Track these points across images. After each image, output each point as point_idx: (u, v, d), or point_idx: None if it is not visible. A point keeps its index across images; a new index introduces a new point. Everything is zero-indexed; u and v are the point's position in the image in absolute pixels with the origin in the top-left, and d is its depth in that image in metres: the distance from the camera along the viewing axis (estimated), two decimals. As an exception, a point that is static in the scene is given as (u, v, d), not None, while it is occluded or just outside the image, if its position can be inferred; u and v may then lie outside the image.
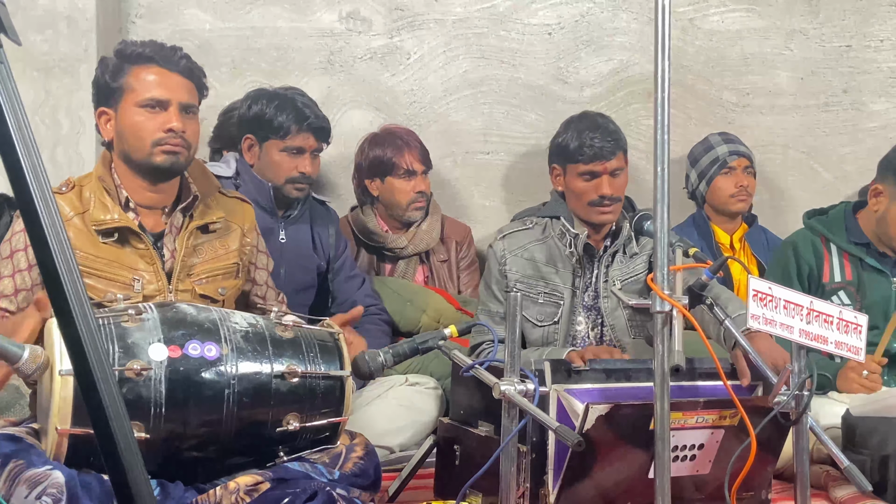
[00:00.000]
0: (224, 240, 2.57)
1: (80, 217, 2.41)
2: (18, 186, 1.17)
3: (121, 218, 2.41)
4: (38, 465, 1.95)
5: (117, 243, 2.41)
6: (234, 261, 2.57)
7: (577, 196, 2.93)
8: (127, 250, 2.42)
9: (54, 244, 1.15)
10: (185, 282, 2.46)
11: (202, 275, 2.50)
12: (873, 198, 3.26)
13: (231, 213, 2.60)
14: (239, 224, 2.61)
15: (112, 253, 2.40)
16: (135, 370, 2.00)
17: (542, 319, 2.95)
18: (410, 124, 3.99)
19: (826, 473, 2.69)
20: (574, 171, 2.91)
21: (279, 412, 2.14)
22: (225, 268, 2.55)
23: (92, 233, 2.40)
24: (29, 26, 3.60)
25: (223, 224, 2.56)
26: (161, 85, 2.43)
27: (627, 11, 4.15)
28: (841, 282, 3.27)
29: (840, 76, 4.21)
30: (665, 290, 1.89)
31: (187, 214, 2.51)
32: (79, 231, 2.39)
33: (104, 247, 2.40)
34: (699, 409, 2.20)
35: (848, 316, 2.21)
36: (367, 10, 4.08)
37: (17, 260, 2.39)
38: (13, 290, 2.38)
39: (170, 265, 2.46)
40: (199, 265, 2.50)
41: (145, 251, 2.43)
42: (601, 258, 2.96)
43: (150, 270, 2.42)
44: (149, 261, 2.43)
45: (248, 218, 2.65)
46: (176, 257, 2.46)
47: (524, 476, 2.22)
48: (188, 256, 2.48)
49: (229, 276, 2.56)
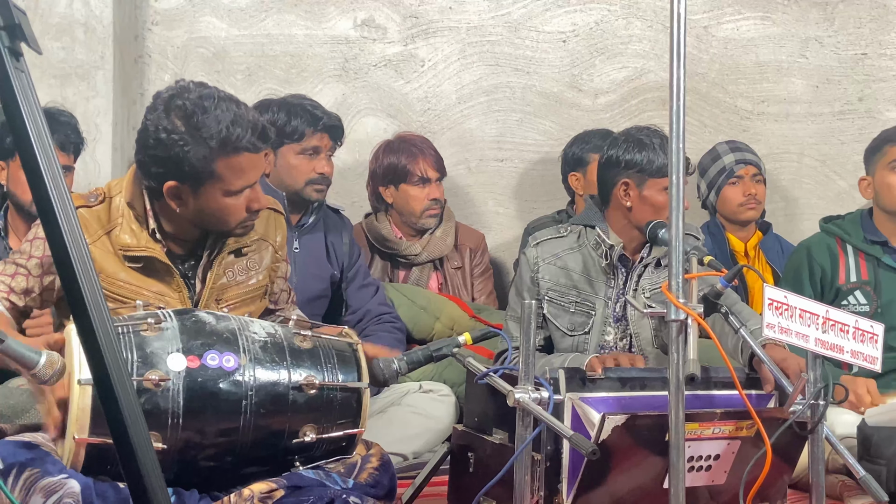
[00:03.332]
0: (256, 257, 2.50)
1: (108, 237, 2.34)
2: (38, 194, 1.18)
3: (146, 246, 2.34)
4: (54, 473, 1.95)
5: (143, 271, 2.35)
6: (263, 283, 2.51)
7: (655, 210, 2.89)
8: (153, 279, 2.36)
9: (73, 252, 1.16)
10: (213, 307, 2.40)
11: (231, 300, 2.44)
12: (865, 189, 3.39)
13: (264, 230, 2.52)
14: (272, 241, 2.54)
15: (137, 279, 2.34)
16: (153, 381, 2.00)
17: (572, 329, 2.94)
18: (424, 131, 4.00)
19: (842, 483, 2.68)
20: (657, 185, 2.88)
21: (296, 423, 2.13)
22: (254, 290, 2.50)
23: (118, 256, 2.34)
24: (46, 33, 3.62)
25: (256, 245, 2.51)
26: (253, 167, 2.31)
27: (642, 19, 4.15)
28: (857, 282, 3.28)
29: (855, 84, 4.20)
30: (680, 298, 1.88)
31: (220, 242, 2.43)
32: (105, 253, 2.33)
33: (129, 271, 2.34)
34: (716, 421, 2.19)
35: (864, 325, 2.20)
36: (382, 17, 4.09)
37: (31, 265, 2.39)
38: (23, 290, 2.37)
39: (199, 292, 2.41)
40: (230, 290, 2.44)
41: (171, 280, 2.37)
42: (634, 268, 2.95)
43: (177, 298, 2.37)
44: (175, 287, 2.38)
45: (281, 229, 2.58)
46: (206, 286, 2.40)
47: (538, 484, 2.21)
48: (217, 281, 2.42)
49: (257, 299, 2.51)
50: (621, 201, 2.92)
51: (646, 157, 2.88)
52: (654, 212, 2.89)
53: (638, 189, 2.89)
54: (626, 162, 2.90)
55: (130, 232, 2.34)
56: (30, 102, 1.15)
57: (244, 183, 2.30)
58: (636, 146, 2.90)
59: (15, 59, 1.17)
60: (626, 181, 2.91)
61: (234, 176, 2.28)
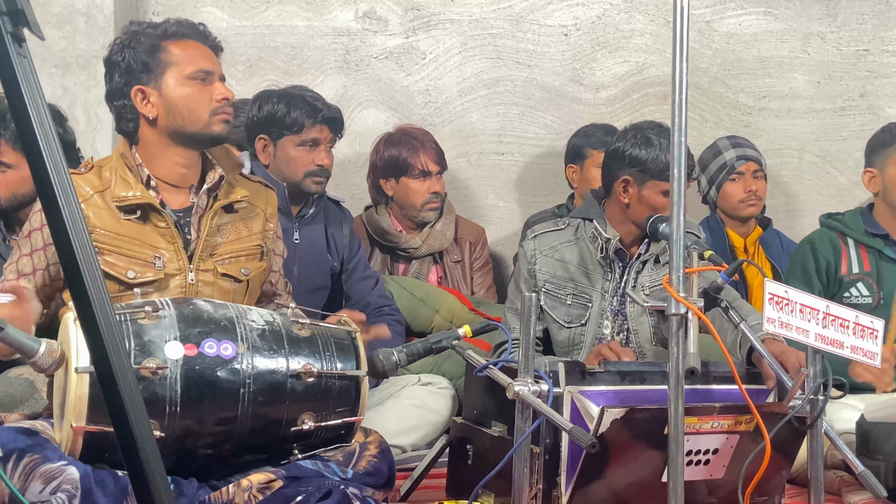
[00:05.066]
0: (248, 222, 2.56)
1: (101, 195, 2.41)
2: (39, 179, 1.17)
3: (143, 195, 2.41)
4: (54, 460, 1.96)
5: (139, 220, 2.41)
6: (257, 243, 2.56)
7: (652, 210, 2.88)
8: (148, 228, 2.42)
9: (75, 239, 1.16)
10: (208, 262, 2.45)
11: (225, 255, 2.48)
12: (869, 181, 3.38)
13: (255, 197, 2.59)
14: (262, 208, 2.60)
15: (133, 230, 2.40)
16: (150, 369, 2.01)
17: (569, 321, 2.95)
18: (425, 124, 4.00)
19: (840, 479, 2.68)
20: (658, 187, 2.87)
21: (294, 411, 2.14)
22: (248, 249, 2.54)
23: (113, 209, 2.40)
24: (47, 22, 3.62)
25: (247, 205, 2.56)
26: (206, 57, 2.47)
27: (644, 13, 4.15)
28: (859, 273, 3.30)
29: (857, 80, 4.19)
30: (681, 292, 1.88)
31: (212, 195, 2.50)
32: (99, 209, 2.39)
33: (126, 223, 2.40)
34: (715, 415, 2.19)
35: (864, 321, 2.20)
36: (384, 9, 4.09)
37: (35, 239, 2.40)
38: (31, 269, 2.39)
39: (193, 245, 2.45)
40: (223, 245, 2.49)
41: (166, 229, 2.42)
42: (632, 264, 2.95)
43: (171, 249, 2.41)
44: (170, 239, 2.42)
45: (272, 203, 2.64)
46: (200, 236, 2.45)
47: (537, 477, 2.21)
48: (211, 236, 2.47)
49: (253, 258, 2.55)
50: (620, 197, 2.92)
51: (650, 157, 2.87)
52: (650, 212, 2.89)
53: (638, 188, 2.89)
54: (631, 158, 2.89)
55: (125, 183, 2.42)
56: (32, 87, 1.14)
57: (196, 67, 2.44)
58: (643, 143, 2.89)
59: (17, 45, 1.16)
60: (626, 178, 2.90)
61: (187, 59, 2.44)
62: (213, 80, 2.46)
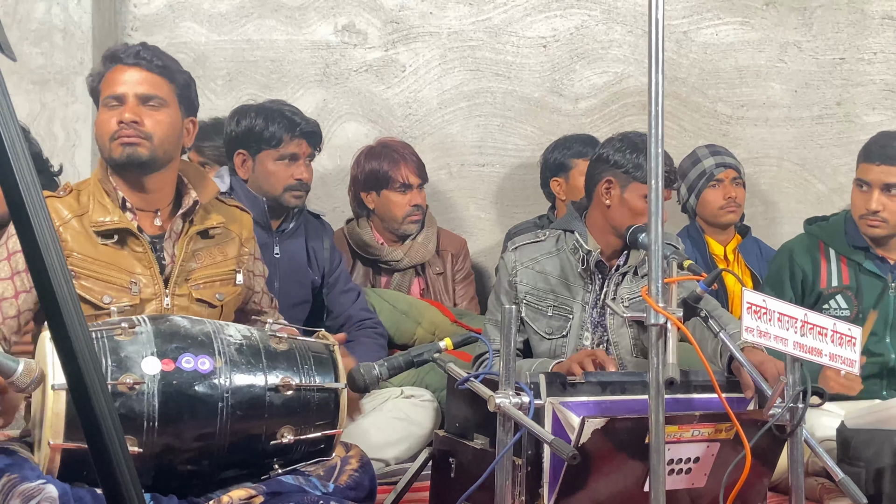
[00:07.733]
0: (222, 247, 2.56)
1: (79, 219, 2.41)
2: (12, 200, 1.17)
3: (120, 219, 2.41)
4: (32, 479, 1.95)
5: (116, 245, 2.41)
6: (231, 268, 2.57)
7: (633, 214, 2.88)
8: (125, 253, 2.42)
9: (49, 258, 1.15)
10: (183, 286, 2.46)
11: (199, 280, 2.49)
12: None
13: (230, 221, 2.60)
14: (237, 232, 2.61)
15: (110, 255, 2.40)
16: (127, 384, 2.00)
17: (550, 332, 2.94)
18: (405, 137, 4.00)
19: (821, 486, 2.69)
20: (640, 190, 2.87)
21: (273, 425, 2.13)
22: (223, 274, 2.55)
23: (90, 234, 2.40)
24: (24, 39, 3.60)
25: (222, 231, 2.56)
26: (118, 81, 2.45)
27: (622, 24, 4.17)
28: (838, 286, 3.28)
29: (833, 88, 4.22)
30: (660, 302, 1.88)
31: (187, 220, 2.50)
32: (77, 233, 2.39)
33: (102, 249, 2.40)
34: (695, 423, 2.20)
35: (842, 328, 2.21)
36: (363, 22, 4.09)
37: (16, 262, 2.39)
38: (13, 293, 2.37)
39: (168, 270, 2.46)
40: (197, 270, 2.50)
41: (143, 254, 2.42)
42: (611, 276, 2.95)
43: (148, 274, 2.42)
44: (146, 264, 2.42)
45: (247, 227, 2.65)
46: (175, 262, 2.45)
47: (519, 489, 2.21)
48: (187, 261, 2.47)
49: (227, 283, 2.56)
50: (602, 198, 2.92)
51: (634, 160, 2.88)
52: (631, 216, 2.89)
53: (620, 189, 2.89)
54: (616, 161, 2.91)
55: (102, 208, 2.42)
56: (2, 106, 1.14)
57: (108, 92, 2.45)
58: (629, 147, 2.91)
59: (-12, 64, 1.16)
60: (610, 178, 2.91)
61: (105, 84, 2.46)
62: (124, 103, 2.43)
